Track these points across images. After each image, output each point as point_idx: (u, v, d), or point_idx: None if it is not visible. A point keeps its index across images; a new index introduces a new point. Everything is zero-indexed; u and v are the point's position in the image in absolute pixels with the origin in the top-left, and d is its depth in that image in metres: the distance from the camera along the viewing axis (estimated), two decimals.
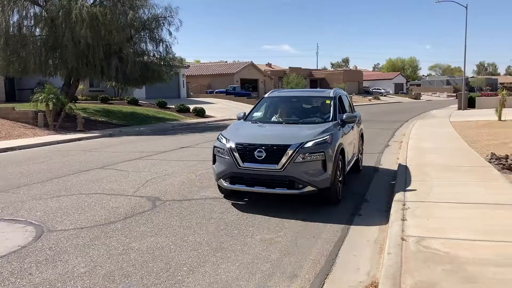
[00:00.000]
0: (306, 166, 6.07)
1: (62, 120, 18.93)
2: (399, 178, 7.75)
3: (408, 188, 6.94)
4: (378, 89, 76.57)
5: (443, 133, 15.35)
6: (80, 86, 28.03)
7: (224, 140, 6.58)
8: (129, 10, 21.18)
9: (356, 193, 7.43)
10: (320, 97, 8.32)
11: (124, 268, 4.38)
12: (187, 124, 23.86)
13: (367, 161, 10.28)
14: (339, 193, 6.64)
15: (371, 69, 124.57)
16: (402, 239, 4.63)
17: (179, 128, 21.84)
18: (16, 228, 5.64)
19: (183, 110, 28.89)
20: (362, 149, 9.61)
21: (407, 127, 19.28)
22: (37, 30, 20.99)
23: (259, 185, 6.28)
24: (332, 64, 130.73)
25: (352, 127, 8.07)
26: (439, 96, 78.07)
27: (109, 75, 21.84)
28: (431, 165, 8.94)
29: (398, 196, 6.47)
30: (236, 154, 6.26)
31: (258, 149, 6.13)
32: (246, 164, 6.21)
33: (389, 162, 10.39)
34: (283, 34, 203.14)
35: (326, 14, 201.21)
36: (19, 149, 13.57)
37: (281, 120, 7.65)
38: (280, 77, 63.00)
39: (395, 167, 9.24)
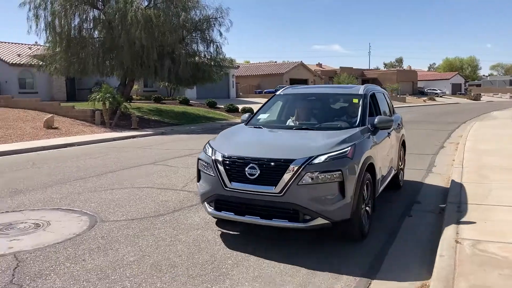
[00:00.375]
0: (315, 190, 4.46)
1: (118, 119, 19.75)
2: (454, 180, 7.38)
3: (464, 190, 6.59)
4: (433, 89, 73.56)
5: (505, 135, 14.44)
6: (135, 86, 29.14)
7: (209, 151, 5.05)
8: (181, 11, 21.75)
9: (406, 195, 7.16)
10: (346, 95, 6.47)
11: (171, 258, 4.48)
12: (236, 124, 24.09)
13: (419, 163, 9.90)
14: (364, 225, 4.97)
15: (426, 69, 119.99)
16: (456, 241, 4.40)
17: (228, 128, 22.08)
18: (72, 218, 5.94)
19: (232, 110, 29.23)
20: (404, 161, 7.85)
21: (465, 128, 18.34)
22: (96, 32, 22.15)
23: (250, 214, 4.72)
24: (385, 64, 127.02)
25: (389, 134, 6.35)
26: (501, 97, 73.67)
27: (162, 76, 22.53)
28: (490, 167, 8.44)
29: (453, 197, 6.17)
30: (222, 170, 4.74)
31: (250, 165, 4.59)
32: (235, 185, 4.68)
33: (443, 164, 9.93)
34: (333, 34, 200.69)
35: (378, 14, 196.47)
36: (77, 145, 14.31)
37: (295, 124, 6.05)
38: (330, 77, 62.29)
39: (450, 169, 8.82)
